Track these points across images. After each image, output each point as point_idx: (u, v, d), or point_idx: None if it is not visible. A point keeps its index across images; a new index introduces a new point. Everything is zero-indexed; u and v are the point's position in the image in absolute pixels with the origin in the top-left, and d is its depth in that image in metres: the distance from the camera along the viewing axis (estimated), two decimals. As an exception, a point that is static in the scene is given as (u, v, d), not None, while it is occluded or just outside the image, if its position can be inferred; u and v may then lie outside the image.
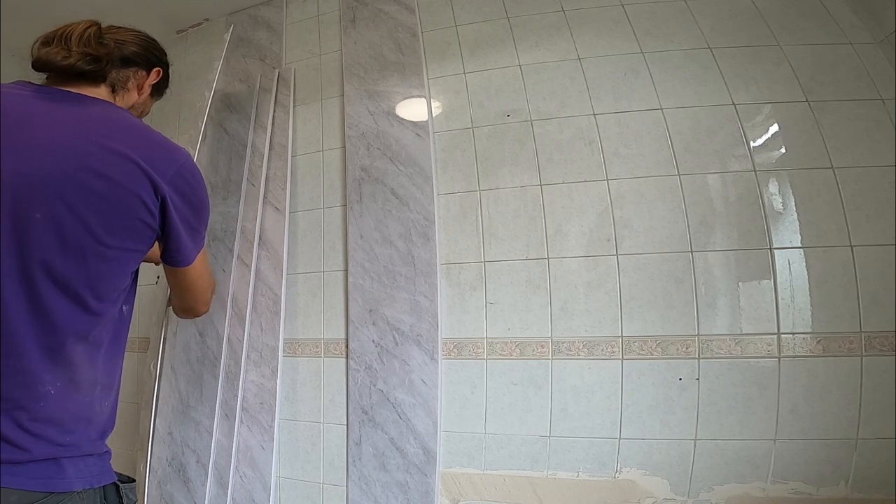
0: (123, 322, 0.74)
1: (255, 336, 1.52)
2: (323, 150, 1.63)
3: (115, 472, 0.70)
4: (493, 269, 1.37)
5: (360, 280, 1.47)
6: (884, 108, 1.21)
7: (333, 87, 1.66)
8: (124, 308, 0.74)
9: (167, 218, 0.71)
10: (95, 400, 0.68)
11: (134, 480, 0.73)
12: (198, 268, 0.85)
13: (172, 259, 0.80)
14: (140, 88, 0.85)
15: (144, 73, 0.85)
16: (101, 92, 0.76)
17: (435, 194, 1.43)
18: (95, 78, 0.75)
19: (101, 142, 0.65)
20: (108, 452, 0.70)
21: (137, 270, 0.75)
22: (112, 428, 0.73)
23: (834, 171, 1.20)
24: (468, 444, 1.34)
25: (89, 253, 0.64)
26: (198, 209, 0.77)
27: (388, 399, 1.39)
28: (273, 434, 1.44)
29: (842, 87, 1.24)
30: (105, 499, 0.66)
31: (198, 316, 0.98)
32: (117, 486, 0.69)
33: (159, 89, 0.91)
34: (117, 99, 0.80)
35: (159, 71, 0.87)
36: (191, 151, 1.79)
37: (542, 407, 1.29)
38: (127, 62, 0.81)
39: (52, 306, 0.62)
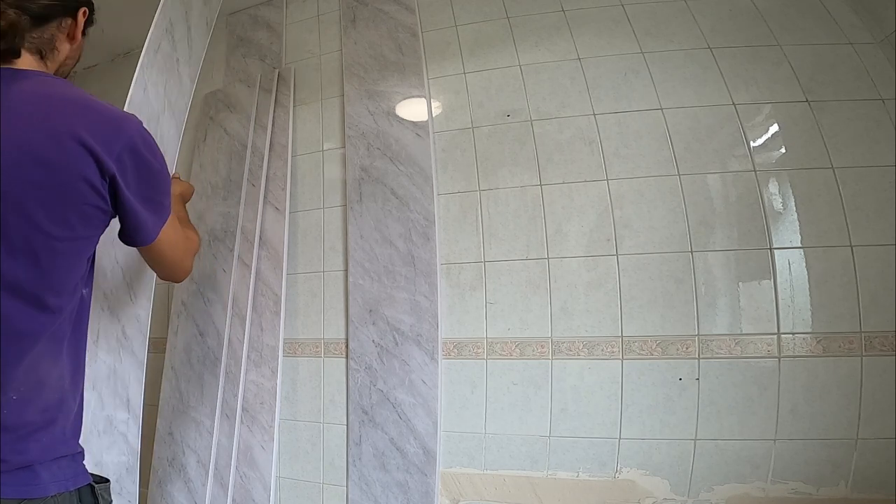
0: (84, 307, 0.70)
1: (255, 336, 1.52)
2: (323, 150, 1.63)
3: (90, 474, 0.67)
4: (493, 269, 1.37)
5: (360, 280, 1.47)
6: (884, 108, 1.21)
7: (333, 87, 1.66)
8: (84, 292, 0.69)
9: (119, 198, 0.64)
10: (66, 395, 0.65)
11: (108, 481, 0.70)
12: (167, 239, 0.77)
13: (130, 240, 0.73)
14: (73, 38, 0.74)
15: (71, 20, 0.73)
16: (27, 61, 0.67)
17: (435, 194, 1.43)
18: (11, 52, 0.65)
19: (40, 123, 0.59)
20: (81, 453, 0.67)
21: (95, 251, 0.71)
22: (82, 424, 0.69)
23: (834, 171, 1.20)
24: (468, 444, 1.34)
25: (40, 251, 0.59)
26: (155, 180, 0.70)
27: (388, 399, 1.39)
28: (273, 434, 1.45)
29: (842, 87, 1.24)
30: (80, 501, 0.64)
31: (178, 282, 0.94)
32: (92, 487, 0.66)
33: (88, 23, 0.79)
34: (48, 63, 0.71)
35: (85, 10, 0.75)
36: (188, 150, 1.80)
37: (542, 407, 1.29)
38: (44, 19, 0.68)
39: (8, 314, 0.57)
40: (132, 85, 0.96)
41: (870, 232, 1.16)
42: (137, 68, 0.97)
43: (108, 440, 1.01)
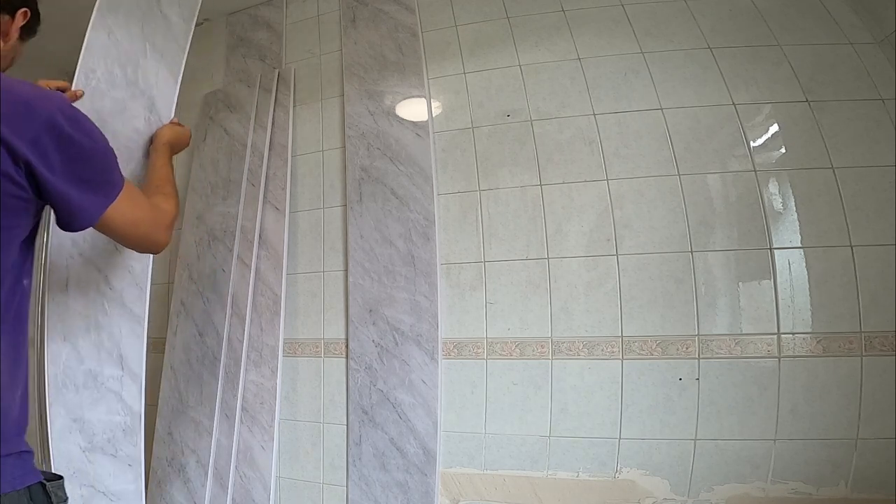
0: (24, 298, 0.66)
1: (255, 336, 1.52)
2: (323, 150, 1.63)
3: (41, 471, 0.64)
4: (493, 269, 1.37)
5: (360, 280, 1.47)
6: (884, 108, 1.21)
7: (333, 87, 1.66)
8: (25, 282, 0.66)
9: (40, 183, 0.60)
10: (3, 392, 0.62)
11: (61, 478, 0.67)
12: (120, 217, 0.71)
13: (66, 225, 0.67)
14: (6, 35, 0.72)
15: (8, 17, 0.71)
16: None
17: (435, 194, 1.43)
18: None
19: None
20: (30, 452, 0.64)
21: (32, 237, 0.67)
22: (27, 422, 0.66)
23: (834, 171, 1.20)
24: (468, 444, 1.34)
25: None
26: (89, 157, 0.65)
27: (388, 399, 1.39)
28: (273, 434, 1.44)
29: (842, 87, 1.24)
30: (32, 499, 0.61)
31: (155, 253, 0.86)
32: (43, 485, 0.63)
33: (30, 30, 0.77)
34: None
35: (26, 12, 0.74)
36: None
37: (542, 407, 1.29)
38: None
39: None
40: (88, 29, 0.89)
41: (870, 232, 1.16)
42: (94, 12, 0.90)
43: (90, 395, 0.94)
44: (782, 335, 1.17)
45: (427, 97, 1.51)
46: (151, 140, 1.03)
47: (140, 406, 1.02)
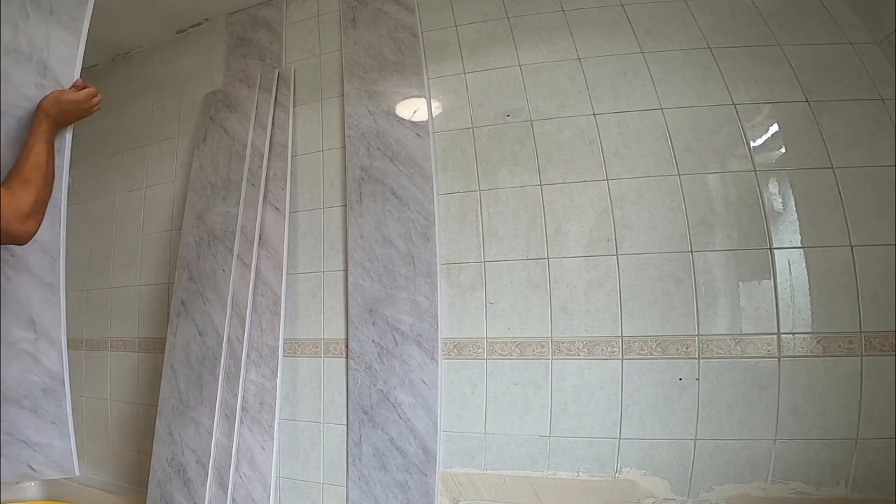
0: None
1: (255, 336, 1.52)
2: (323, 150, 1.63)
3: None
4: (493, 269, 1.37)
5: (360, 280, 1.47)
6: (884, 108, 1.21)
7: (333, 87, 1.66)
8: None
9: None
10: None
11: None
12: None
13: None
14: None
15: None
16: None
17: (435, 194, 1.43)
18: None
19: None
20: None
21: None
22: None
23: (834, 171, 1.20)
24: (468, 444, 1.34)
25: None
26: None
27: (388, 399, 1.39)
28: (273, 434, 1.44)
29: (842, 87, 1.24)
30: None
31: (20, 244, 0.79)
32: None
33: None
34: None
35: None
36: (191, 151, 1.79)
37: (542, 407, 1.29)
38: None
39: None
40: None
41: (870, 232, 1.16)
42: None
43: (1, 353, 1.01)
44: (782, 335, 1.17)
45: (427, 97, 1.51)
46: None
47: (62, 370, 1.05)
